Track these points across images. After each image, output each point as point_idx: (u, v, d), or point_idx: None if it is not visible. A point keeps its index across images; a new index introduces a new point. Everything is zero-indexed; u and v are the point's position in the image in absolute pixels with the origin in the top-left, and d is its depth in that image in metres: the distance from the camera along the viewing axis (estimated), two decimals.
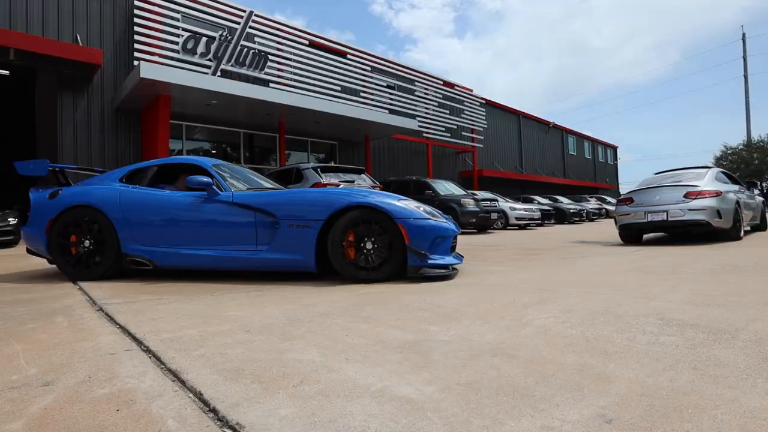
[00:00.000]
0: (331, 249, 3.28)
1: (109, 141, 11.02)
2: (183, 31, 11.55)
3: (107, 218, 3.66)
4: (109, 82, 11.01)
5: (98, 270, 3.69)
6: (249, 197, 3.56)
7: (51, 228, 3.75)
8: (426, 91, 18.63)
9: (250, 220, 3.48)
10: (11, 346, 1.80)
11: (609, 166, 38.20)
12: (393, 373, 1.37)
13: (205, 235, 3.57)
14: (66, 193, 3.86)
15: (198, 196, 3.63)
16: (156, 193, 3.77)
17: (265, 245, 3.43)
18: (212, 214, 3.56)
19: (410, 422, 1.04)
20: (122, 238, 3.63)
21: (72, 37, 10.45)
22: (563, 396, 1.17)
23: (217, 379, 1.32)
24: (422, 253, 3.24)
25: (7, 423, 1.09)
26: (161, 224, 3.66)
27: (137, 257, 3.63)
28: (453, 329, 1.89)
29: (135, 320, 2.17)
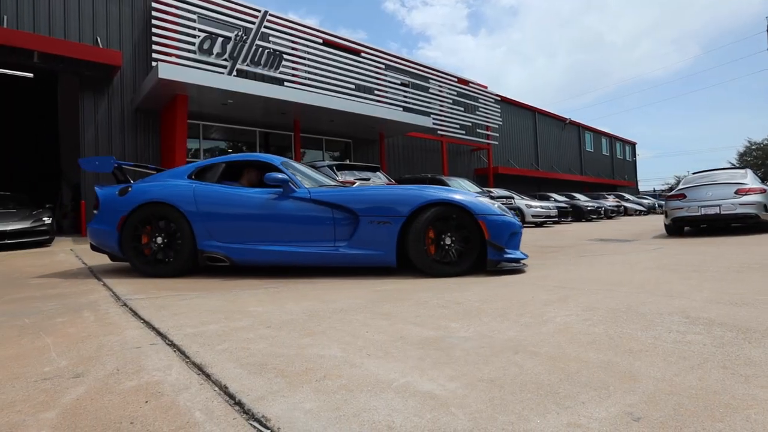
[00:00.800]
0: (411, 244, 3.34)
1: (129, 141, 11.24)
2: (199, 31, 11.70)
3: (183, 215, 3.63)
4: (129, 83, 11.22)
5: (173, 266, 3.67)
6: (327, 194, 3.60)
7: (123, 225, 3.72)
8: (440, 89, 18.52)
9: (327, 217, 3.52)
10: (42, 339, 1.86)
11: (627, 162, 37.47)
12: (415, 368, 1.37)
13: (282, 232, 3.58)
14: (137, 190, 3.83)
15: (274, 193, 3.65)
16: (231, 190, 3.76)
17: (343, 241, 3.49)
18: (289, 211, 3.58)
19: (434, 417, 1.04)
20: (198, 234, 3.61)
21: (93, 39, 10.68)
22: (588, 393, 1.16)
23: (241, 373, 1.34)
24: (501, 247, 3.38)
25: (43, 412, 1.13)
26: (238, 221, 3.64)
27: (214, 253, 3.60)
28: (473, 326, 1.88)
29: (158, 315, 2.22)
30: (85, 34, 10.61)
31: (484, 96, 20.69)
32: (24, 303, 2.72)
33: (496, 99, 21.38)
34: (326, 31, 14.76)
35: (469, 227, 3.39)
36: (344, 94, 14.44)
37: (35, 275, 4.07)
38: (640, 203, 22.46)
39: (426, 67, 18.13)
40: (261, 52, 12.67)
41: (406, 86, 17.20)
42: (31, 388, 1.30)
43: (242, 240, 3.60)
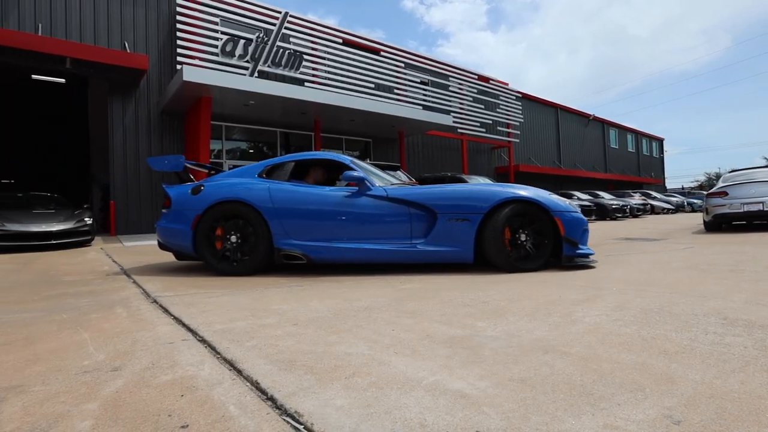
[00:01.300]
0: (489, 241, 3.42)
1: (155, 142, 11.54)
2: (222, 34, 11.92)
3: (259, 213, 3.63)
4: (155, 86, 11.52)
5: (248, 265, 3.66)
6: (403, 192, 3.65)
7: (198, 223, 3.70)
8: (460, 86, 18.37)
9: (404, 214, 3.58)
10: (80, 333, 1.93)
11: (654, 159, 36.39)
12: (444, 367, 1.36)
13: (359, 230, 3.61)
14: (211, 189, 3.80)
15: (349, 191, 3.69)
16: (307, 189, 3.77)
17: (420, 238, 3.55)
18: (366, 209, 3.62)
19: (466, 416, 1.03)
20: (275, 233, 3.61)
21: (120, 44, 11.00)
22: (624, 395, 1.13)
23: (271, 369, 1.36)
24: (576, 242, 3.50)
25: (85, 403, 1.17)
26: (315, 219, 3.65)
27: (291, 252, 3.60)
28: (500, 325, 1.86)
29: (188, 312, 2.27)
30: (114, 39, 10.94)
31: (505, 93, 20.43)
32: (60, 299, 2.83)
33: (517, 96, 21.08)
34: (346, 31, 14.82)
35: (543, 224, 3.48)
36: (364, 94, 14.48)
37: (68, 273, 4.22)
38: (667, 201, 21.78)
39: (445, 64, 18.02)
40: (282, 53, 12.82)
41: (426, 84, 17.13)
42: (73, 380, 1.35)
43: (320, 238, 3.61)
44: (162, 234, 3.99)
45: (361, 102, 12.84)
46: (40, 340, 1.85)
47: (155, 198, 11.46)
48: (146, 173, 11.35)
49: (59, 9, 10.21)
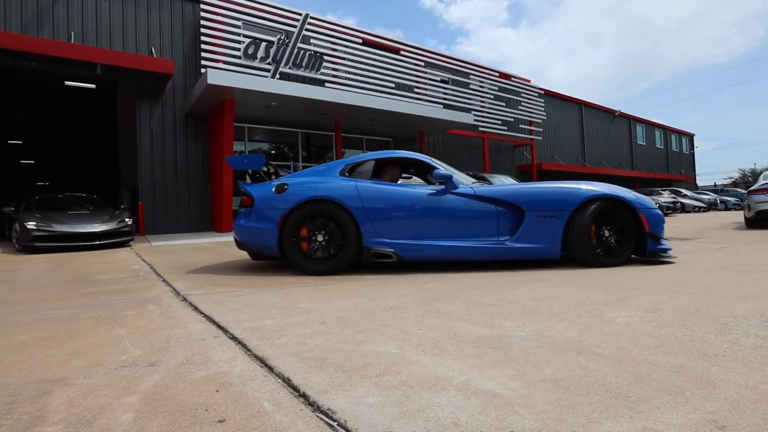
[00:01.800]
0: (576, 237, 3.52)
1: (180, 144, 11.83)
2: (244, 37, 12.12)
3: (348, 212, 3.61)
4: (180, 90, 11.81)
5: (337, 263, 3.62)
6: (491, 191, 3.73)
7: (284, 222, 3.65)
8: (481, 84, 18.18)
9: (491, 212, 3.66)
10: (116, 329, 2.00)
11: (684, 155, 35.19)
12: (473, 367, 1.35)
13: (447, 227, 3.65)
14: (296, 188, 3.75)
15: (435, 189, 3.74)
16: (393, 187, 3.79)
17: (506, 235, 3.63)
18: (454, 207, 3.67)
19: (500, 416, 1.02)
20: (365, 231, 3.60)
21: (147, 49, 11.32)
22: (663, 398, 1.10)
23: (302, 367, 1.38)
24: (659, 237, 3.63)
25: (126, 397, 1.21)
26: (404, 217, 3.67)
27: (382, 250, 3.60)
28: (528, 325, 1.83)
29: (217, 310, 2.32)
30: (141, 45, 11.27)
31: (527, 90, 20.12)
32: (95, 297, 2.93)
33: (539, 93, 20.73)
34: (365, 31, 14.87)
35: (626, 220, 3.60)
36: (384, 93, 14.50)
37: (102, 272, 4.37)
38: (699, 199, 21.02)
39: (466, 62, 17.86)
40: (302, 54, 12.96)
41: (446, 83, 17.02)
42: (113, 374, 1.40)
43: (410, 236, 3.63)
44: (242, 233, 3.88)
45: (382, 101, 12.85)
46: (79, 335, 1.92)
47: (181, 199, 11.75)
48: (173, 175, 11.65)
49: (90, 17, 10.58)
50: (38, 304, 2.70)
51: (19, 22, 9.76)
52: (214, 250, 6.49)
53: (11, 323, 2.20)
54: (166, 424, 1.04)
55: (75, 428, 1.05)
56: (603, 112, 27.15)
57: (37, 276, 4.17)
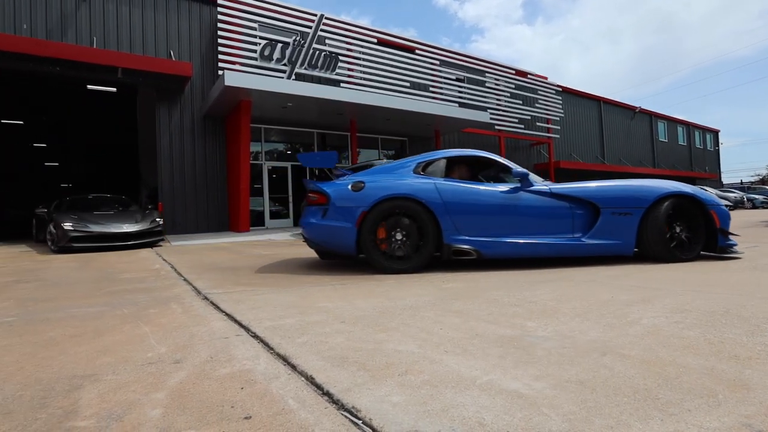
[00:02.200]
0: (651, 234, 3.65)
1: (198, 146, 12.03)
2: (260, 39, 12.26)
3: (429, 210, 3.61)
4: (198, 92, 12.01)
5: (417, 261, 3.60)
6: (566, 189, 3.83)
7: (363, 221, 3.60)
8: (497, 82, 18.02)
9: (566, 209, 3.76)
10: (141, 327, 2.04)
11: (708, 152, 34.24)
12: (497, 367, 1.34)
13: (524, 225, 3.72)
14: (374, 185, 3.71)
15: (511, 187, 3.80)
16: (471, 185, 3.81)
17: (580, 232, 3.74)
18: (531, 205, 3.75)
19: (526, 416, 1.01)
20: (445, 229, 3.60)
21: (166, 53, 11.55)
22: (694, 401, 1.07)
23: (324, 365, 1.39)
24: (727, 233, 3.76)
25: (153, 393, 1.24)
26: (483, 215, 3.70)
27: (463, 248, 3.61)
28: (551, 325, 1.81)
29: (238, 309, 2.35)
30: (160, 48, 11.50)
31: (544, 87, 19.85)
32: (119, 295, 3.00)
33: (556, 90, 20.44)
34: (380, 30, 14.87)
35: (696, 216, 3.73)
36: (399, 93, 14.49)
37: (125, 271, 4.48)
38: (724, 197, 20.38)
39: (482, 60, 17.72)
40: (318, 55, 13.03)
41: (462, 81, 16.92)
42: (140, 371, 1.43)
43: (488, 234, 3.67)
44: (315, 231, 3.82)
45: (397, 101, 12.85)
46: (106, 332, 1.97)
47: (199, 199, 11.94)
48: (191, 176, 11.86)
49: (111, 22, 10.84)
50: (66, 302, 2.78)
51: (44, 28, 10.06)
52: (232, 250, 6.58)
53: (41, 320, 2.27)
54: (193, 420, 1.06)
55: (106, 423, 1.07)
56: (623, 108, 26.62)
57: (63, 275, 4.29)
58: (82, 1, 10.46)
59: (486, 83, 17.66)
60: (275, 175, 13.28)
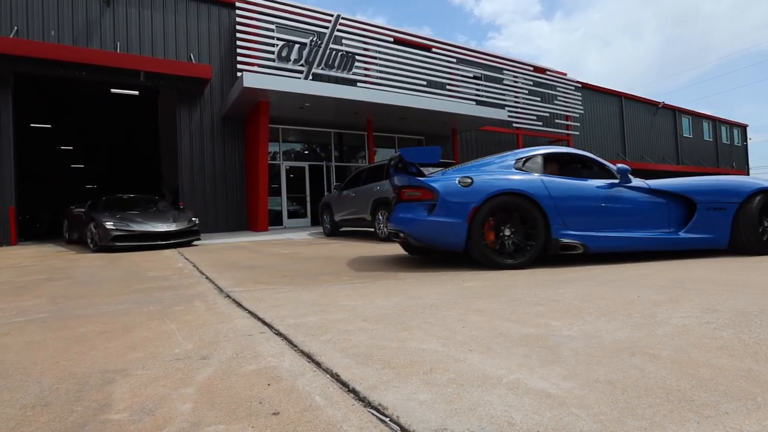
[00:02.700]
0: (744, 227, 3.74)
1: (218, 147, 12.24)
2: (278, 40, 12.39)
3: (539, 205, 3.63)
4: (217, 94, 12.21)
5: (529, 257, 3.61)
6: (663, 185, 3.98)
7: (474, 216, 3.58)
8: (515, 79, 17.80)
9: (663, 205, 3.91)
10: (167, 324, 2.08)
11: (736, 148, 33.13)
12: (522, 366, 1.33)
13: (625, 220, 3.85)
14: (483, 181, 3.69)
15: (612, 184, 3.92)
16: (575, 181, 3.88)
17: (674, 227, 3.88)
18: (631, 200, 3.89)
19: (555, 416, 0.99)
20: (553, 224, 3.63)
21: (187, 56, 11.77)
22: (731, 404, 1.04)
23: (349, 363, 1.39)
24: None
25: (182, 388, 1.26)
26: (589, 210, 3.79)
27: (571, 242, 3.66)
28: (576, 325, 1.78)
29: (260, 307, 2.38)
30: (180, 51, 11.73)
31: (563, 84, 19.52)
32: (146, 293, 3.07)
33: (576, 86, 20.07)
34: (396, 29, 14.86)
35: None
36: (416, 91, 14.45)
37: (150, 269, 4.58)
38: None
39: (499, 57, 17.54)
40: (335, 55, 13.10)
41: (479, 79, 16.77)
42: (168, 367, 1.46)
43: (594, 228, 3.75)
44: (419, 227, 3.74)
45: (414, 100, 12.82)
46: (134, 329, 2.02)
47: (219, 199, 12.14)
48: (211, 176, 12.06)
49: (134, 27, 11.10)
50: (95, 300, 2.86)
51: (71, 34, 10.37)
52: (252, 249, 6.67)
53: (72, 317, 2.34)
54: (223, 415, 1.08)
55: (139, 416, 1.10)
56: (645, 104, 25.98)
57: (91, 273, 4.42)
58: (107, 7, 10.75)
59: (504, 80, 17.47)
60: (292, 175, 13.41)
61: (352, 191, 8.28)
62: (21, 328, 2.12)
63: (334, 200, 8.99)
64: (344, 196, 8.55)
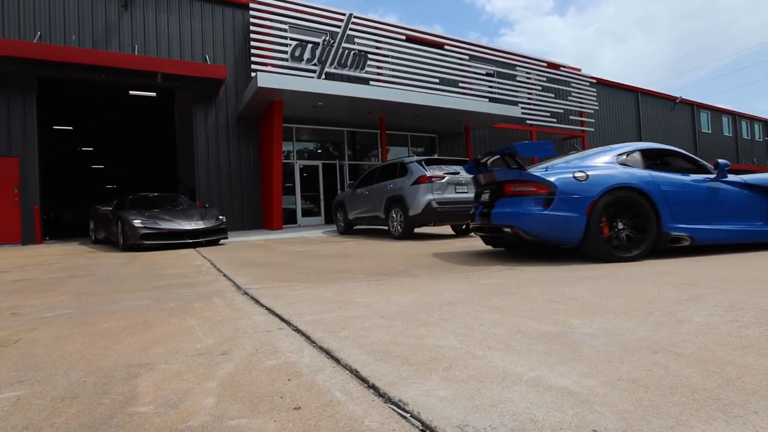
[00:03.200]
0: None
1: (233, 146, 12.37)
2: (291, 40, 12.47)
3: (651, 199, 3.71)
4: (232, 94, 12.35)
5: (641, 249, 3.69)
6: (756, 178, 4.20)
7: (591, 210, 3.61)
8: (528, 76, 17.61)
9: (757, 198, 4.13)
10: (187, 320, 2.12)
11: (757, 143, 32.22)
12: (542, 363, 1.32)
13: (723, 212, 4.03)
14: (598, 175, 3.74)
15: (710, 178, 4.08)
16: (679, 176, 4.02)
17: (765, 219, 4.11)
18: (729, 194, 4.08)
19: (578, 414, 0.99)
20: (664, 218, 3.74)
21: (202, 57, 11.92)
22: (761, 403, 1.02)
23: (367, 359, 1.40)
24: None
25: (205, 382, 1.29)
26: (694, 203, 3.94)
27: (679, 235, 3.80)
28: (596, 323, 1.76)
29: (277, 304, 2.41)
30: (196, 52, 11.88)
31: (578, 80, 19.25)
32: (165, 290, 3.13)
33: (591, 82, 19.77)
34: (409, 27, 14.82)
35: None
36: (429, 89, 14.40)
37: (168, 267, 4.66)
38: None
39: (512, 54, 17.36)
40: (347, 53, 13.13)
41: (492, 76, 16.64)
42: (190, 361, 1.49)
43: (699, 221, 3.91)
44: (534, 221, 3.71)
45: (426, 97, 12.78)
46: (155, 324, 2.06)
47: (234, 198, 12.28)
48: (226, 175, 12.21)
49: (151, 30, 11.29)
50: (117, 296, 2.92)
51: (91, 38, 10.59)
52: (267, 247, 6.74)
53: (96, 312, 2.40)
54: (245, 409, 1.10)
55: (164, 409, 1.12)
56: (662, 99, 25.45)
57: (112, 271, 4.51)
58: (125, 11, 10.95)
59: (517, 77, 17.30)
60: (306, 173, 13.49)
61: (366, 190, 8.30)
62: (49, 323, 2.18)
63: (348, 199, 9.02)
64: (358, 195, 8.58)
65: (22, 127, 9.84)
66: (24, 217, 9.84)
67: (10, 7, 9.84)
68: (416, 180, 6.83)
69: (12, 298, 3.06)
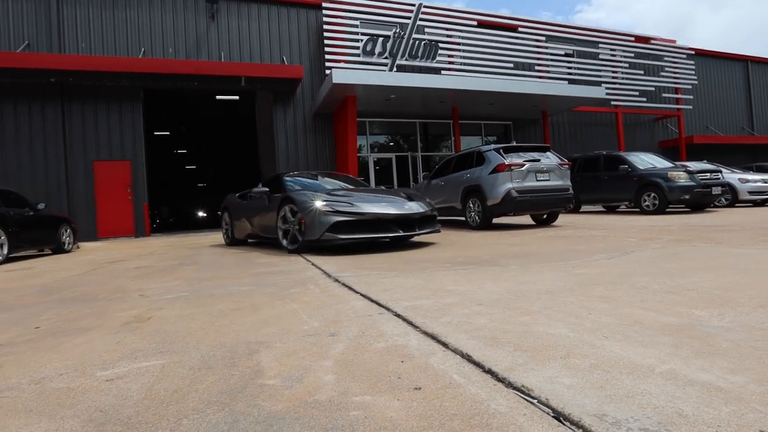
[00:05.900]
0: None
1: (310, 142, 12.89)
2: (362, 35, 12.65)
3: None
4: (307, 92, 12.84)
5: None
6: None
7: None
8: (613, 53, 16.20)
9: None
10: (289, 304, 2.25)
11: None
12: (673, 356, 1.20)
13: None
14: None
15: None
16: None
17: None
18: None
19: (735, 412, 0.89)
20: None
21: (280, 58, 12.53)
22: None
23: (477, 345, 1.38)
24: None
25: (321, 361, 1.35)
26: None
27: None
28: (727, 315, 1.57)
29: (371, 290, 2.47)
30: (274, 54, 12.51)
31: (672, 53, 17.35)
32: (261, 277, 3.35)
33: (688, 53, 17.72)
34: (480, 12, 14.34)
35: None
36: (502, 75, 13.86)
37: (258, 257, 4.99)
38: None
39: (593, 30, 16.10)
40: (418, 44, 13.04)
41: (571, 56, 15.57)
42: (301, 341, 1.58)
43: None
44: None
45: (500, 83, 12.31)
46: (261, 307, 2.22)
47: None
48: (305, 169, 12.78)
49: (234, 37, 12.09)
50: (221, 282, 3.19)
51: (184, 49, 11.60)
52: None
53: (208, 296, 2.63)
54: (367, 387, 1.13)
55: (290, 383, 1.20)
56: None
57: (213, 260, 4.94)
58: (212, 21, 11.84)
59: (599, 55, 16.00)
60: (378, 167, 13.68)
61: (441, 180, 8.21)
62: (171, 304, 2.44)
63: (423, 190, 8.99)
64: (433, 186, 8.52)
65: (132, 134, 11.10)
66: (136, 213, 11.12)
67: (118, 28, 11.09)
68: (494, 168, 6.61)
69: (137, 282, 3.47)
